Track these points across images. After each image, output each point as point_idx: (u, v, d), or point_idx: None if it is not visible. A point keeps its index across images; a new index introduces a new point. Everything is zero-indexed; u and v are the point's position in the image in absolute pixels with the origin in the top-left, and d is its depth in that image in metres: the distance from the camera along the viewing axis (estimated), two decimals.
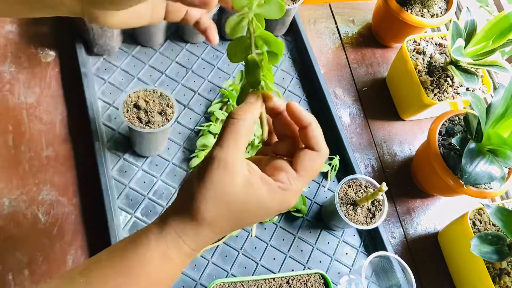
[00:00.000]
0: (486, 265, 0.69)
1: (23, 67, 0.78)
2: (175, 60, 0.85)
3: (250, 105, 0.39)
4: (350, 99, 0.91)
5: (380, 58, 0.98)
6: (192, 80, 0.84)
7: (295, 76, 0.90)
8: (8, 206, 0.67)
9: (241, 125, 0.37)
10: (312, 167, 0.39)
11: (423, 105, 0.83)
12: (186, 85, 0.83)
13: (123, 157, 0.74)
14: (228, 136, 0.37)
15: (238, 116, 0.38)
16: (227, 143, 0.37)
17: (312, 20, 0.98)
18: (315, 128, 0.40)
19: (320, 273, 0.67)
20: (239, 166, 0.37)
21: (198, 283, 0.68)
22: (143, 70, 0.82)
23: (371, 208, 0.71)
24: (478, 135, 0.71)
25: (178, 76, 0.84)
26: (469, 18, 0.81)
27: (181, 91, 0.83)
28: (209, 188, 0.36)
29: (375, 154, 0.87)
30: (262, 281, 0.65)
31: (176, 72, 0.84)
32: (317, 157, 0.39)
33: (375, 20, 0.98)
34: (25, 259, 0.65)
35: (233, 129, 0.37)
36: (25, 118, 0.74)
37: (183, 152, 0.77)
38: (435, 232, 0.82)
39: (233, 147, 0.37)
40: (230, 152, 0.36)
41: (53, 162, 0.72)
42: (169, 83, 0.83)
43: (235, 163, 0.36)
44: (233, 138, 0.37)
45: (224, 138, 0.37)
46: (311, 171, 0.39)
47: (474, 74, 0.79)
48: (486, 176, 0.67)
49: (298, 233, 0.76)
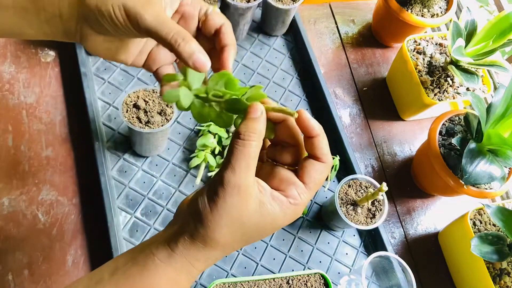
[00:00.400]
0: (486, 265, 0.69)
1: (22, 67, 0.78)
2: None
3: (255, 121, 0.37)
4: (350, 99, 0.91)
5: (380, 58, 0.97)
6: None
7: (295, 76, 0.90)
8: (8, 206, 0.67)
9: (250, 146, 0.36)
10: (320, 179, 0.39)
11: (423, 105, 0.83)
12: None
13: (123, 157, 0.74)
14: (239, 158, 0.35)
15: (246, 136, 0.36)
16: (239, 167, 0.35)
17: (312, 20, 0.98)
18: (323, 138, 0.39)
19: (320, 273, 0.67)
20: (252, 189, 0.36)
21: (198, 283, 0.68)
22: (142, 70, 0.82)
23: (371, 208, 0.71)
24: (478, 135, 0.71)
25: None
26: (470, 18, 0.81)
27: None
28: (223, 214, 0.35)
29: (375, 154, 0.87)
30: (262, 281, 0.65)
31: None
32: (324, 169, 0.39)
33: (375, 20, 0.98)
34: (25, 259, 0.65)
35: (243, 151, 0.36)
36: (25, 118, 0.74)
37: (183, 152, 0.77)
38: (435, 232, 0.82)
39: (245, 171, 0.35)
40: (243, 176, 0.35)
41: (53, 162, 0.72)
42: None
43: (248, 187, 0.36)
44: (245, 161, 0.36)
45: (235, 161, 0.36)
46: (319, 183, 0.39)
47: (475, 74, 0.79)
48: (487, 176, 0.67)
49: (298, 233, 0.76)
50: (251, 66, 0.88)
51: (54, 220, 0.68)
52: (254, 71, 0.88)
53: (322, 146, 0.39)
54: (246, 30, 0.89)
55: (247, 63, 0.88)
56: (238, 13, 0.81)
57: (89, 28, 0.40)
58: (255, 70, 0.88)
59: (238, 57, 0.88)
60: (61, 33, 0.42)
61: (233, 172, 0.35)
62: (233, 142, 0.36)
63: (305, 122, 0.39)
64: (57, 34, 0.42)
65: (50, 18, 0.40)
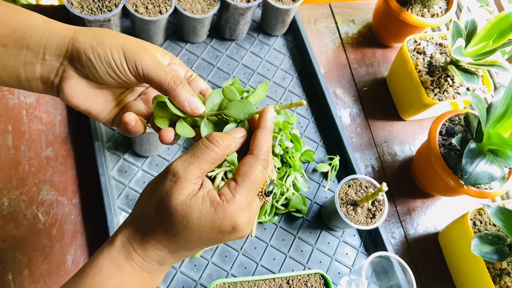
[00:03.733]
0: (487, 265, 0.69)
1: None
2: None
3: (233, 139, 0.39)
4: (350, 99, 0.91)
5: (380, 58, 0.97)
6: None
7: (295, 76, 0.90)
8: (8, 206, 0.67)
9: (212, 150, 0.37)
10: (250, 172, 0.38)
11: (423, 105, 0.83)
12: None
13: (123, 157, 0.74)
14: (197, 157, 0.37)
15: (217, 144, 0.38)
16: (187, 161, 0.37)
17: (312, 20, 0.98)
18: (261, 133, 0.39)
19: (320, 273, 0.67)
20: (189, 182, 0.36)
21: (198, 283, 0.68)
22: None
23: (371, 208, 0.71)
24: (478, 135, 0.71)
25: None
26: (470, 18, 0.81)
27: None
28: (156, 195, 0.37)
29: (375, 154, 0.87)
30: (262, 281, 0.65)
31: None
32: (253, 161, 0.38)
33: (375, 20, 0.98)
34: (25, 259, 0.65)
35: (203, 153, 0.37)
36: (25, 118, 0.74)
37: (183, 152, 0.77)
38: (435, 232, 0.82)
39: (192, 165, 0.37)
40: (185, 167, 0.37)
41: (53, 162, 0.72)
42: None
43: (186, 178, 0.36)
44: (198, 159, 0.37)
45: (189, 155, 0.37)
46: (249, 177, 0.38)
47: (475, 74, 0.79)
48: (487, 176, 0.67)
49: (298, 233, 0.76)
50: (251, 66, 0.88)
51: (54, 220, 0.68)
52: (254, 71, 0.88)
53: (257, 139, 0.39)
54: (246, 30, 0.89)
55: (247, 63, 0.88)
56: (238, 13, 0.81)
57: (73, 70, 0.40)
58: (255, 70, 0.88)
59: (238, 57, 0.88)
60: (36, 80, 0.41)
61: (180, 160, 0.37)
62: (200, 141, 0.38)
63: (261, 115, 0.40)
64: (31, 82, 0.41)
65: (30, 61, 0.40)
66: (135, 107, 0.45)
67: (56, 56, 0.39)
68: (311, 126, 0.85)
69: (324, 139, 0.85)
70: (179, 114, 0.41)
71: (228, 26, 0.85)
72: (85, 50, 0.39)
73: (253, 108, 0.41)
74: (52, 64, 0.40)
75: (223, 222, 0.36)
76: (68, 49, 0.39)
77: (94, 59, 0.39)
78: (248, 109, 0.40)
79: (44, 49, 0.39)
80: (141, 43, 0.41)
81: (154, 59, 0.40)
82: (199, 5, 0.80)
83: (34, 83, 0.41)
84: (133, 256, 0.37)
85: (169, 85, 0.40)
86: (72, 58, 0.39)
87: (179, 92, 0.40)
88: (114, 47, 0.39)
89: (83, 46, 0.39)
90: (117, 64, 0.39)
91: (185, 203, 0.36)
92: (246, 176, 0.38)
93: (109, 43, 0.39)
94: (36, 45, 0.39)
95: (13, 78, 0.41)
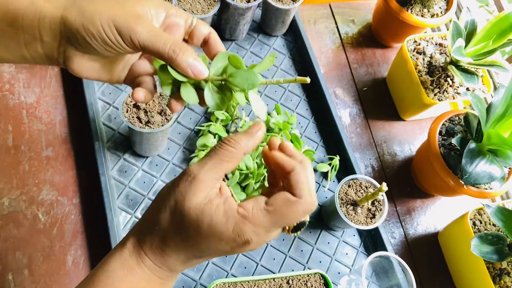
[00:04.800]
0: (486, 265, 0.69)
1: (23, 66, 0.78)
2: None
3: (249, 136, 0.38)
4: (350, 99, 0.91)
5: (380, 58, 0.97)
6: None
7: (295, 76, 0.90)
8: (8, 206, 0.67)
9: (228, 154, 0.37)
10: (284, 210, 0.36)
11: (423, 105, 0.83)
12: None
13: (123, 157, 0.74)
14: (212, 156, 0.37)
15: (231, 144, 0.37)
16: (205, 163, 0.36)
17: (312, 20, 0.98)
18: (298, 173, 0.37)
19: (320, 273, 0.67)
20: (206, 185, 0.36)
21: (198, 283, 0.68)
22: None
23: (371, 208, 0.71)
24: (478, 135, 0.71)
25: None
26: (469, 18, 0.81)
27: None
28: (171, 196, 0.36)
29: (375, 154, 0.87)
30: (262, 281, 0.65)
31: None
32: (295, 203, 0.36)
33: (375, 20, 0.98)
34: (25, 259, 0.65)
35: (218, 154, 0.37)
36: (25, 118, 0.74)
37: (183, 152, 0.77)
38: (435, 232, 0.82)
39: (209, 168, 0.36)
40: (204, 170, 0.36)
41: (53, 162, 0.72)
42: None
43: (204, 181, 0.36)
44: (215, 161, 0.36)
45: (205, 157, 0.37)
46: (281, 213, 0.35)
47: (474, 74, 0.79)
48: (487, 176, 0.67)
49: (298, 233, 0.75)
50: None
51: (54, 220, 0.68)
52: None
53: (296, 180, 0.37)
54: (246, 30, 0.89)
55: (247, 63, 0.88)
56: (238, 13, 0.81)
57: (74, 49, 0.40)
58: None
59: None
60: (41, 57, 0.41)
61: (197, 162, 0.37)
62: (218, 143, 0.38)
63: (277, 160, 0.38)
64: (37, 58, 0.41)
65: (30, 41, 0.39)
66: (141, 68, 0.46)
67: (53, 36, 0.39)
68: (311, 126, 0.85)
69: (324, 139, 0.85)
70: (182, 79, 0.40)
71: (228, 26, 0.85)
72: (78, 30, 0.38)
73: (258, 79, 0.39)
74: (51, 44, 0.40)
75: (227, 231, 0.35)
76: (62, 31, 0.39)
77: (89, 39, 0.38)
78: (253, 79, 0.39)
79: (39, 30, 0.39)
80: (132, 8, 0.40)
81: (149, 28, 0.39)
82: (199, 5, 0.80)
83: (40, 60, 0.41)
84: (144, 259, 0.37)
85: (168, 54, 0.39)
86: (68, 39, 0.39)
87: (180, 60, 0.39)
88: (105, 22, 0.38)
89: (75, 26, 0.38)
90: (112, 41, 0.39)
91: (198, 206, 0.35)
92: (277, 211, 0.35)
93: (99, 18, 0.38)
94: (30, 28, 0.39)
95: (19, 58, 0.41)
